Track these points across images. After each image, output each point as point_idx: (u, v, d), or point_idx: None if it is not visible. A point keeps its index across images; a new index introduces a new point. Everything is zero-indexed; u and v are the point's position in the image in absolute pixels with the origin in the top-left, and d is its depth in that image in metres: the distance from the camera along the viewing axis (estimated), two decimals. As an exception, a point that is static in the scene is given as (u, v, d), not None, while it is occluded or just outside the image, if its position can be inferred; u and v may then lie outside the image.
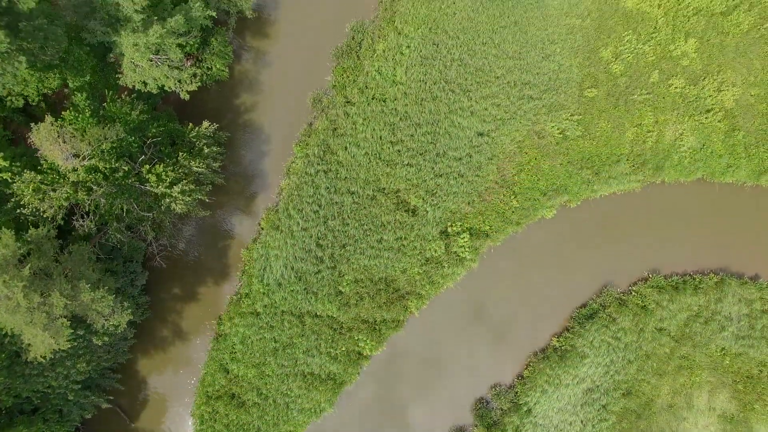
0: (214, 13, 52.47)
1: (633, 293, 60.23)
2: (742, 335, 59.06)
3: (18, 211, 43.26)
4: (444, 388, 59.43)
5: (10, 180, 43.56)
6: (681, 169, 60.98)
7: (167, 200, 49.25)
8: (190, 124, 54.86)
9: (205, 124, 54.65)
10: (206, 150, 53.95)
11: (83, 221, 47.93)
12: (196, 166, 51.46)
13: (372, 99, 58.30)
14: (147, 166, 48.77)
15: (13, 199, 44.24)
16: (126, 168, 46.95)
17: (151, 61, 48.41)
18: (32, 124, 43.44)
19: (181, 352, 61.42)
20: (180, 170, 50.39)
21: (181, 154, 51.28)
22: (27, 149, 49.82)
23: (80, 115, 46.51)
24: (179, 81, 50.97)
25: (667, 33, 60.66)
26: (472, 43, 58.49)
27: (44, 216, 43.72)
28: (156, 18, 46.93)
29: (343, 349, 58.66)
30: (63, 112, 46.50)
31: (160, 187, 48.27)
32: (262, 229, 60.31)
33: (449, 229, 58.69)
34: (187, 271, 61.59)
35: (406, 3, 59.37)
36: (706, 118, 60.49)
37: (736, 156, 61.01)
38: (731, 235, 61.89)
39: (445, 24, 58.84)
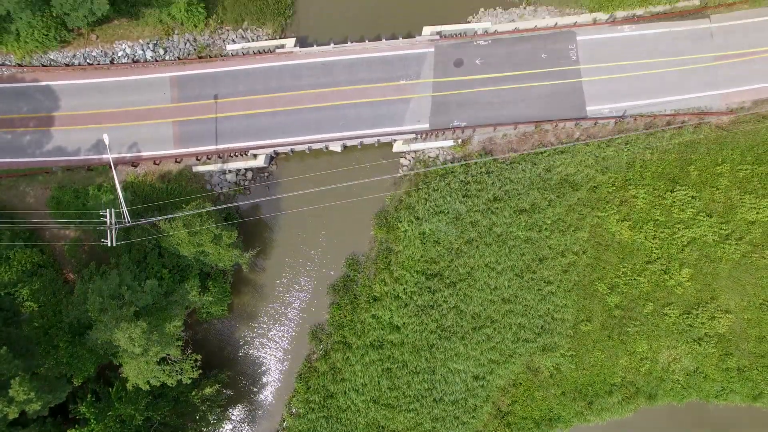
0: (211, 297, 53.36)
1: None
2: None
3: None
4: None
5: None
6: (674, 394, 62.19)
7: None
8: (194, 390, 56.21)
9: (208, 389, 56.02)
10: (210, 416, 55.43)
11: None
12: (201, 444, 53.09)
13: (369, 345, 59.39)
14: (153, 462, 50.45)
15: None
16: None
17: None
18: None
19: None
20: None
21: (184, 435, 52.88)
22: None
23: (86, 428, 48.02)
24: (181, 370, 52.10)
25: (661, 263, 61.12)
26: (468, 290, 59.16)
27: None
28: (154, 329, 47.79)
29: None
30: (68, 430, 47.97)
31: (166, 481, 50.07)
32: (267, 459, 62.31)
33: (446, 462, 60.61)
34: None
35: (401, 244, 59.76)
36: (699, 345, 61.42)
37: (730, 380, 62.11)
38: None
39: (441, 268, 59.38)
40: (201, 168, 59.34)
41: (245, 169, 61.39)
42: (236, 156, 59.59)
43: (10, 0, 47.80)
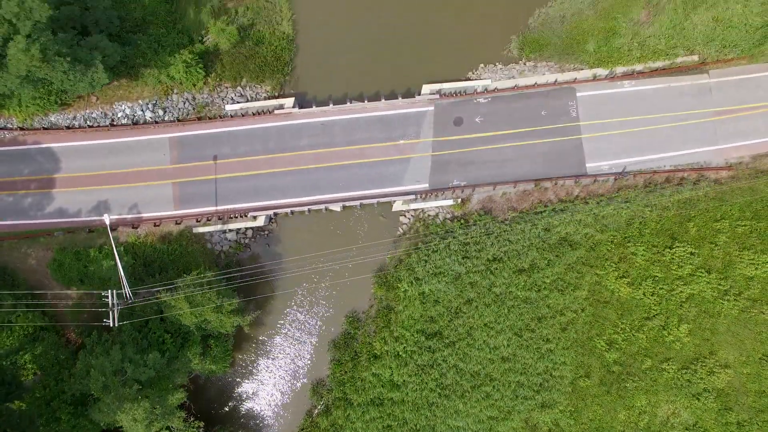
0: (213, 366, 53.79)
1: None
2: None
3: None
4: None
5: None
6: (673, 450, 62.70)
7: None
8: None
9: (210, 451, 56.67)
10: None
11: None
12: None
13: (370, 403, 59.85)
14: None
15: None
16: None
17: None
18: None
19: None
20: None
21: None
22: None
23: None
24: (183, 435, 52.76)
25: (660, 319, 61.35)
26: (467, 349, 59.53)
27: None
28: (157, 403, 48.26)
29: None
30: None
31: None
32: None
33: None
34: None
35: (401, 303, 60.06)
36: (698, 399, 61.76)
37: (728, 434, 62.58)
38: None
39: (441, 328, 59.74)
40: (201, 229, 59.61)
41: (245, 227, 61.59)
42: (236, 217, 59.83)
43: (12, 80, 47.92)
